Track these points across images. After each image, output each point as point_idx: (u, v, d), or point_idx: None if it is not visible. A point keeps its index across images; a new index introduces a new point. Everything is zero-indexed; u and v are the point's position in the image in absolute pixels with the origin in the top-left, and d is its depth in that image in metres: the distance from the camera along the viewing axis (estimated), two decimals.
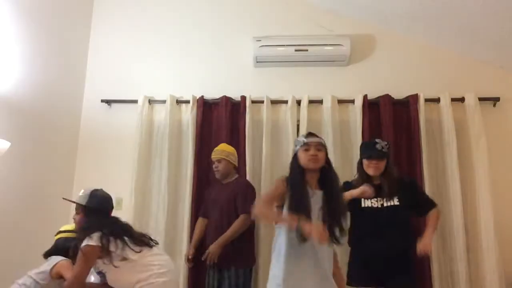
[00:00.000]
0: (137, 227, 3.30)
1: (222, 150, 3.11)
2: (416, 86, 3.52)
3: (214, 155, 3.10)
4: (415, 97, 3.45)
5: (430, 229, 2.47)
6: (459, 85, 3.52)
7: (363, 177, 2.60)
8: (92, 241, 2.11)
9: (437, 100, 3.45)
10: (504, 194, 3.31)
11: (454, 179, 3.25)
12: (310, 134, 2.21)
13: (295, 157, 2.17)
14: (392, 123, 3.39)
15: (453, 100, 3.43)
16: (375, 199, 2.53)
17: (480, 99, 3.41)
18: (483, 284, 3.12)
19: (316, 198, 2.07)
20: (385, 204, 2.52)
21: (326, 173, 2.14)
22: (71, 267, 2.19)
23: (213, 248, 2.84)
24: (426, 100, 3.44)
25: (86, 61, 3.83)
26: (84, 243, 2.12)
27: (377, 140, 2.65)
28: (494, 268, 3.07)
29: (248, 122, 3.45)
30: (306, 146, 2.12)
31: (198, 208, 3.26)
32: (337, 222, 2.05)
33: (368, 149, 2.62)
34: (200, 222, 3.18)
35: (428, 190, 3.25)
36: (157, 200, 3.44)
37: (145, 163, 3.48)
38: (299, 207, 2.00)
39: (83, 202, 2.32)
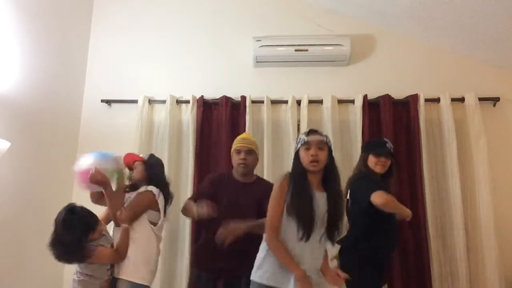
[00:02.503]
0: None
1: (253, 141, 2.63)
2: (416, 86, 3.53)
3: (244, 144, 2.55)
4: (415, 97, 3.45)
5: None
6: (459, 85, 3.52)
7: (369, 174, 2.53)
8: (153, 190, 2.43)
9: (437, 100, 3.46)
10: (504, 194, 3.31)
11: (454, 179, 3.25)
12: (311, 132, 2.09)
13: (297, 156, 2.08)
14: (392, 123, 3.39)
15: (453, 100, 3.43)
16: None
17: (480, 99, 3.41)
18: (483, 284, 3.12)
19: (319, 201, 2.01)
20: None
21: (330, 174, 2.06)
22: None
23: (235, 227, 2.24)
24: (426, 100, 3.44)
25: (86, 61, 3.83)
26: (143, 189, 2.43)
27: (386, 140, 2.64)
28: (494, 268, 3.07)
29: (248, 122, 3.45)
30: (307, 145, 2.03)
31: None
32: (338, 225, 2.03)
33: (379, 146, 2.56)
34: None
35: (428, 190, 3.26)
36: None
37: None
38: (301, 205, 1.97)
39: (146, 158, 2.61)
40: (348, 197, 2.56)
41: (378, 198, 2.29)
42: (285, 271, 1.95)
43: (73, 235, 2.13)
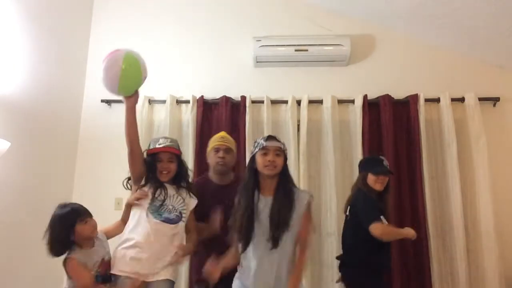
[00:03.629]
0: None
1: (231, 140, 2.63)
2: (416, 86, 3.53)
3: (223, 141, 2.56)
4: (415, 97, 3.45)
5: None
6: (459, 85, 3.52)
7: (369, 192, 2.56)
8: None
9: (437, 100, 3.46)
10: (504, 194, 3.31)
11: (454, 179, 3.26)
12: (270, 137, 2.12)
13: (252, 159, 2.09)
14: (392, 123, 3.39)
15: (453, 100, 3.43)
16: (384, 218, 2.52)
17: (480, 99, 3.41)
18: (483, 284, 3.12)
19: (264, 205, 2.03)
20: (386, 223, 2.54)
21: (281, 180, 2.08)
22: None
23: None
24: (426, 100, 3.44)
25: (86, 61, 3.83)
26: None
27: (382, 157, 2.68)
28: (494, 268, 3.07)
29: (248, 122, 3.45)
30: (264, 150, 2.05)
31: None
32: (279, 229, 1.98)
33: (377, 165, 2.60)
34: None
35: (428, 190, 3.26)
36: None
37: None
38: (242, 215, 2.00)
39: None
40: (347, 213, 2.59)
41: (375, 230, 2.36)
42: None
43: (52, 229, 2.13)
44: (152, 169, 2.24)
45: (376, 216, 2.40)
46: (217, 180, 2.57)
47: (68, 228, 2.11)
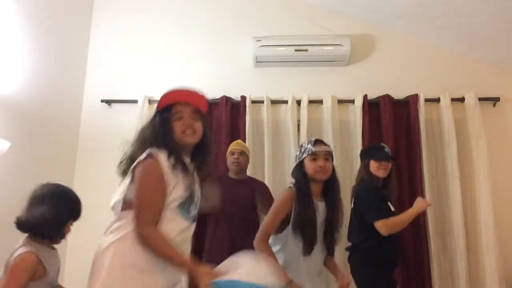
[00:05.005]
0: None
1: (245, 146, 3.08)
2: (416, 86, 3.52)
3: (237, 146, 2.99)
4: (415, 97, 3.45)
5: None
6: (459, 85, 3.52)
7: (372, 180, 2.56)
8: None
9: (437, 100, 3.45)
10: (504, 194, 3.31)
11: (454, 179, 3.25)
12: (318, 142, 2.11)
13: (301, 165, 2.09)
14: (392, 123, 3.39)
15: (453, 100, 3.43)
16: (390, 204, 2.52)
17: (480, 99, 3.41)
18: (482, 284, 3.12)
19: (320, 211, 2.05)
20: (393, 209, 2.53)
21: (331, 184, 2.10)
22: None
23: None
24: (426, 100, 3.44)
25: (86, 61, 3.83)
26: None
27: (383, 144, 2.69)
28: (494, 268, 3.07)
29: (248, 122, 3.45)
30: (314, 156, 2.05)
31: None
32: (335, 235, 2.07)
33: (378, 151, 2.59)
34: None
35: (428, 190, 3.26)
36: None
37: None
38: (306, 222, 1.99)
39: None
40: (352, 205, 2.58)
41: (381, 229, 2.36)
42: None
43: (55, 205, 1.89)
44: (167, 133, 1.61)
45: (378, 214, 2.38)
46: (234, 176, 2.99)
47: (70, 215, 1.91)
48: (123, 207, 1.65)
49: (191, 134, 1.62)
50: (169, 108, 1.67)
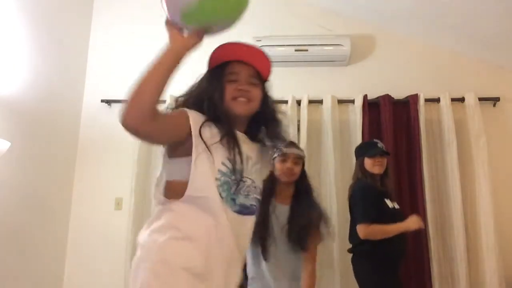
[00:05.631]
0: (136, 227, 3.33)
1: None
2: (416, 86, 3.52)
3: None
4: (415, 97, 3.45)
5: None
6: (459, 85, 3.52)
7: (367, 178, 2.53)
8: None
9: (437, 100, 3.45)
10: (504, 194, 3.31)
11: (454, 179, 3.25)
12: (290, 144, 2.08)
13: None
14: (392, 123, 3.39)
15: (453, 100, 3.42)
16: (389, 200, 2.48)
17: (480, 99, 3.41)
18: (483, 284, 3.12)
19: (280, 212, 2.00)
20: (395, 206, 2.52)
21: (301, 187, 2.06)
22: None
23: None
24: (426, 100, 3.44)
25: (86, 60, 3.83)
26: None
27: (376, 140, 2.65)
28: (494, 268, 3.07)
29: None
30: (283, 157, 2.03)
31: None
32: (299, 236, 1.97)
33: (371, 148, 2.57)
34: None
35: (428, 190, 3.26)
36: None
37: (145, 163, 3.48)
38: (258, 222, 1.97)
39: None
40: (349, 206, 2.57)
41: (359, 232, 2.34)
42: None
43: None
44: (215, 96, 1.28)
45: (362, 216, 2.37)
46: None
47: None
48: (166, 192, 1.21)
49: (244, 102, 1.27)
50: (222, 67, 1.37)
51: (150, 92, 1.14)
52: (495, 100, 3.46)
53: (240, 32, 3.90)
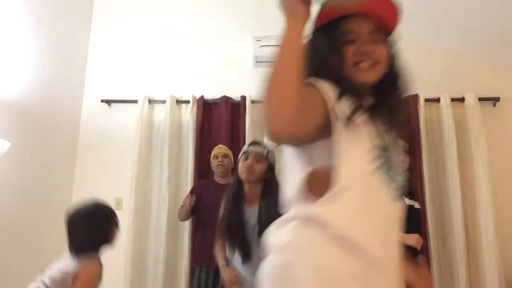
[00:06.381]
0: (137, 227, 3.33)
1: (227, 148, 3.11)
2: (416, 86, 3.51)
3: (220, 150, 3.04)
4: (415, 97, 3.45)
5: None
6: (459, 85, 3.52)
7: None
8: None
9: (437, 100, 3.46)
10: (504, 194, 3.31)
11: (454, 179, 3.25)
12: (253, 143, 2.06)
13: (236, 165, 2.06)
14: None
15: (453, 100, 3.43)
16: (407, 199, 2.38)
17: (480, 99, 3.41)
18: (483, 284, 3.12)
19: (252, 213, 1.98)
20: (414, 205, 2.42)
21: (267, 187, 2.02)
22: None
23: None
24: (426, 100, 3.44)
25: (86, 61, 3.83)
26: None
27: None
28: (494, 269, 3.07)
29: (248, 122, 3.45)
30: (245, 155, 2.01)
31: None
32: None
33: None
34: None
35: (428, 190, 3.26)
36: (157, 199, 3.44)
37: (145, 163, 3.48)
38: (231, 227, 1.94)
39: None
40: None
41: None
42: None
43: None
44: (334, 68, 1.01)
45: None
46: (219, 180, 2.97)
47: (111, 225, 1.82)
48: (311, 184, 0.95)
49: (370, 67, 1.03)
50: (333, 25, 1.04)
51: (290, 81, 0.88)
52: (495, 100, 3.46)
53: (240, 32, 3.94)
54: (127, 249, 3.25)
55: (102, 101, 3.67)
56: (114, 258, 3.32)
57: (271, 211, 1.95)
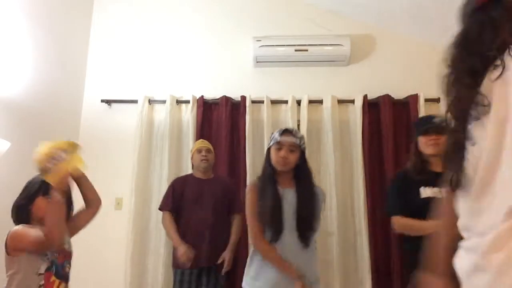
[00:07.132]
0: (137, 227, 3.32)
1: (209, 144, 3.08)
2: (416, 86, 3.52)
3: (204, 144, 3.02)
4: (415, 97, 3.45)
5: None
6: None
7: (420, 160, 2.18)
8: None
9: (437, 100, 3.45)
10: None
11: None
12: (286, 132, 2.05)
13: (268, 154, 2.07)
14: (392, 123, 3.39)
15: None
16: (436, 189, 2.05)
17: None
18: None
19: (289, 198, 2.01)
20: (426, 195, 2.14)
21: (300, 172, 2.06)
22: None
23: (229, 255, 2.80)
24: (426, 100, 3.44)
25: (86, 61, 3.83)
26: None
27: (432, 115, 2.28)
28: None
29: (248, 122, 3.45)
30: (278, 145, 2.02)
31: None
32: (308, 222, 1.99)
33: (424, 123, 2.21)
34: (170, 217, 2.89)
35: None
36: (157, 199, 3.43)
37: (145, 163, 3.48)
38: (270, 210, 1.96)
39: None
40: None
41: (393, 225, 2.18)
42: (285, 279, 1.94)
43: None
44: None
45: (393, 210, 2.18)
46: (200, 176, 2.99)
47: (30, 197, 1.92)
48: None
49: None
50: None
51: None
52: None
53: (240, 32, 3.94)
54: (127, 249, 3.25)
55: (102, 101, 3.67)
56: (114, 258, 3.33)
57: (306, 195, 2.02)
